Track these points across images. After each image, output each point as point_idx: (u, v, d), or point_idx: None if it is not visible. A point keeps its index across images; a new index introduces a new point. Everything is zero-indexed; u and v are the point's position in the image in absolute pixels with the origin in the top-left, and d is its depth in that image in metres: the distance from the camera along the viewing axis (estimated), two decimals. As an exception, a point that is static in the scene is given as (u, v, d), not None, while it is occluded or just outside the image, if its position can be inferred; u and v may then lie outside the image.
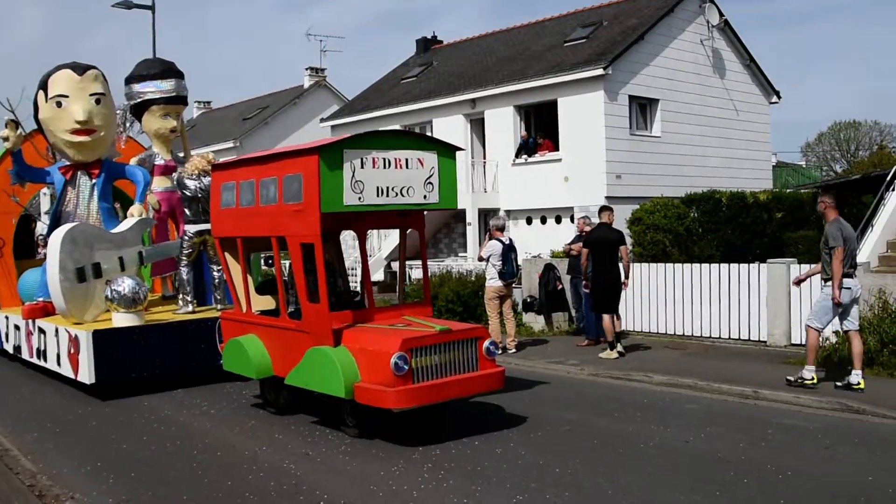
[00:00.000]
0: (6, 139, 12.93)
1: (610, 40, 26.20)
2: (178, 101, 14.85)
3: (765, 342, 14.13)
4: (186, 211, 12.65)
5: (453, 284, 17.20)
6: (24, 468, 8.16)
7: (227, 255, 10.77)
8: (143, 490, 7.37)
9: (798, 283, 11.58)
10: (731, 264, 14.79)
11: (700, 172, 26.15)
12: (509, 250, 13.89)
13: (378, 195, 9.36)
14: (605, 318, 13.54)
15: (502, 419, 9.86)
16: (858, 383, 10.47)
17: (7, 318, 14.35)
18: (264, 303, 10.85)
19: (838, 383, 10.69)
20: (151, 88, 14.50)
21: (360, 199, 9.24)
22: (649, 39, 25.99)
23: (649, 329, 15.89)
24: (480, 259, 14.25)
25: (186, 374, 12.10)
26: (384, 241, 27.85)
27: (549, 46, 28.70)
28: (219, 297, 12.95)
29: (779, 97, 30.58)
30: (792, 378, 10.91)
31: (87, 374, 11.29)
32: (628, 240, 17.75)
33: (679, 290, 15.20)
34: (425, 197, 9.74)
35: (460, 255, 27.88)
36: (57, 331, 12.16)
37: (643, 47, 25.88)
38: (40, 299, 13.10)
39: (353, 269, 19.48)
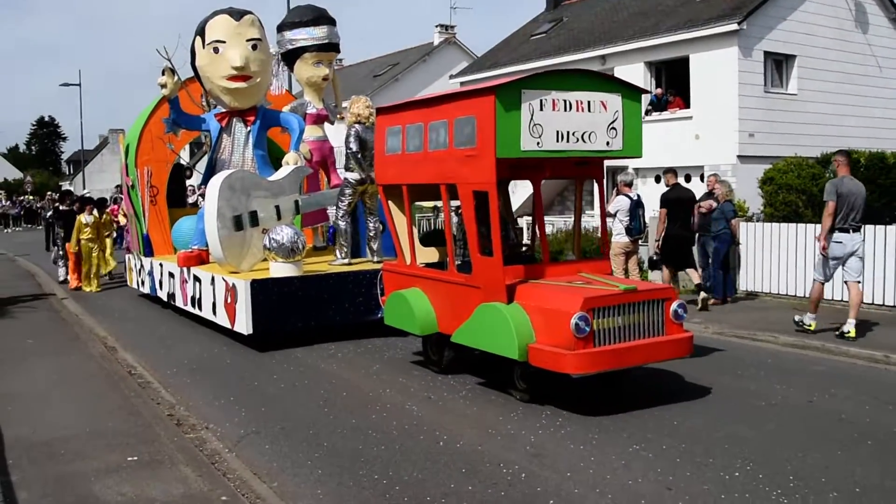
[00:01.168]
0: (164, 86, 11.93)
1: None
2: (330, 48, 13.62)
3: (895, 306, 12.80)
4: (350, 158, 11.43)
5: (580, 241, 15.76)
6: (164, 399, 8.24)
7: (390, 203, 9.56)
8: (272, 423, 7.36)
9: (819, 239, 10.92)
10: (867, 226, 13.04)
11: (837, 132, 23.67)
12: (637, 206, 13.07)
13: (558, 140, 8.04)
14: (665, 270, 13.30)
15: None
16: (849, 332, 10.45)
17: (161, 265, 13.52)
18: (428, 255, 9.64)
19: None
20: (304, 36, 13.32)
21: (538, 144, 7.93)
22: None
23: (777, 290, 14.48)
24: (607, 215, 12.90)
25: (343, 327, 11.03)
26: (512, 196, 26.31)
27: (681, 1, 26.33)
28: (374, 249, 11.76)
29: (926, 53, 27.63)
30: (796, 319, 11.08)
31: (244, 325, 10.31)
32: (759, 200, 17.11)
33: (810, 252, 13.67)
34: (608, 143, 8.33)
35: (587, 212, 26.22)
36: (213, 279, 11.22)
37: (781, 1, 23.46)
38: (195, 247, 12.21)
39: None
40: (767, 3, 23.03)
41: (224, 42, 11.89)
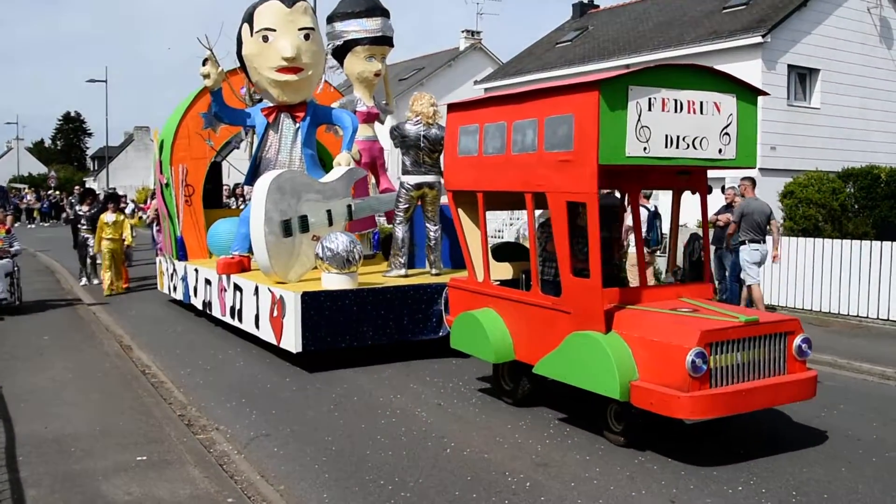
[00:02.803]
0: (206, 76, 10.36)
1: (771, 7, 22.76)
2: (383, 41, 11.97)
3: None
4: (405, 160, 9.89)
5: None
6: (176, 399, 7.90)
7: (460, 211, 8.04)
8: (283, 426, 7.04)
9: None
10: (885, 242, 12.69)
11: (860, 147, 22.56)
12: (654, 217, 12.26)
13: (666, 146, 6.56)
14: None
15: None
16: None
17: (197, 270, 11.90)
18: (500, 271, 8.11)
19: None
20: (355, 27, 11.72)
21: (644, 149, 6.47)
22: (812, 7, 22.46)
23: (794, 304, 13.62)
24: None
25: (400, 347, 9.53)
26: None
27: (706, 12, 25.24)
28: (433, 260, 10.21)
29: (950, 69, 26.16)
30: None
31: (292, 341, 8.77)
32: (780, 213, 15.98)
33: (828, 267, 13.22)
34: (720, 151, 6.85)
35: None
36: (257, 290, 9.66)
37: (805, 15, 22.36)
38: (236, 253, 10.63)
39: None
40: (792, 16, 22.02)
41: (274, 30, 10.28)
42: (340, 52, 11.90)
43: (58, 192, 49.89)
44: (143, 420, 6.96)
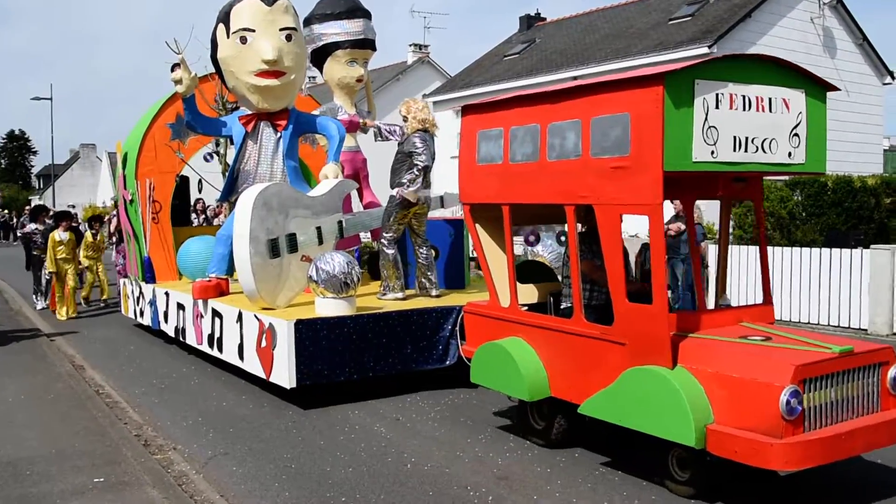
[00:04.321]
0: (178, 82, 8.80)
1: (716, 18, 22.23)
2: (365, 45, 10.49)
3: (865, 330, 11.64)
4: (404, 174, 8.46)
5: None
6: (131, 419, 7.46)
7: (479, 228, 6.71)
8: (241, 444, 6.63)
9: None
10: (833, 249, 12.48)
11: (807, 156, 22.02)
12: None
13: (735, 149, 5.37)
14: None
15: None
16: None
17: (167, 294, 10.30)
18: (522, 293, 6.78)
19: None
20: (336, 30, 10.21)
21: (712, 153, 5.29)
22: (757, 17, 21.90)
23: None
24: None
25: (403, 377, 8.16)
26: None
27: (653, 24, 24.55)
28: (432, 280, 8.78)
29: (893, 78, 25.72)
30: None
31: (285, 376, 7.30)
32: (730, 222, 14.92)
33: (778, 275, 12.63)
34: (790, 155, 5.70)
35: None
36: (240, 316, 8.16)
37: (751, 25, 21.79)
38: (213, 275, 9.08)
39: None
40: (737, 27, 21.44)
41: (253, 31, 8.76)
42: (319, 57, 10.42)
43: (5, 211, 46.80)
44: (99, 441, 6.54)
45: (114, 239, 14.82)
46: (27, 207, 31.76)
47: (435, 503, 5.33)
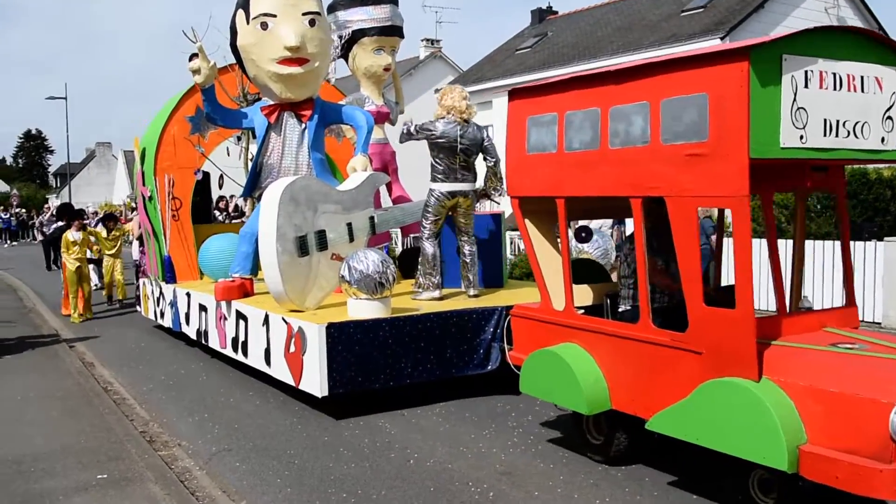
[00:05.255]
0: (196, 72, 8.16)
1: (728, 9, 21.62)
2: (393, 31, 9.83)
3: (879, 323, 11.16)
4: (436, 165, 7.84)
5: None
6: (138, 416, 7.38)
7: (528, 223, 6.06)
8: (245, 441, 6.52)
9: None
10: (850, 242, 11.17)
11: (821, 147, 21.50)
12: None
13: (825, 133, 4.71)
14: None
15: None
16: None
17: (189, 294, 9.61)
18: (575, 295, 6.12)
19: None
20: (362, 16, 9.54)
21: (801, 138, 4.59)
22: (770, 8, 21.28)
23: (758, 305, 12.28)
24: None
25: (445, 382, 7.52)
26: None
27: (665, 16, 23.91)
28: (471, 279, 8.14)
29: (907, 68, 25.10)
30: None
31: (316, 383, 6.67)
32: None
33: (790, 267, 11.54)
34: (883, 140, 5.03)
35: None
36: (267, 319, 7.52)
37: (763, 16, 21.10)
38: (236, 275, 8.46)
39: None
40: (750, 18, 20.82)
41: (275, 16, 8.10)
42: (345, 45, 9.73)
43: (23, 210, 46.36)
44: (105, 437, 6.50)
45: (135, 236, 14.19)
46: (46, 206, 31.27)
47: (436, 499, 5.23)
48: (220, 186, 11.86)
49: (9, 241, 39.15)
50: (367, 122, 8.42)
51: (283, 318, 7.17)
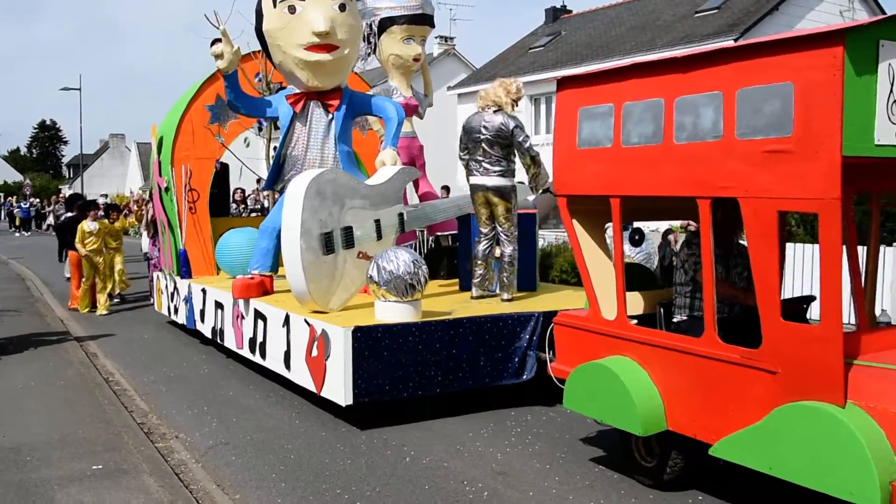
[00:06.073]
0: (219, 56, 7.63)
1: (742, 10, 21.50)
2: (424, 20, 9.26)
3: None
4: (481, 158, 7.32)
5: (568, 255, 12.15)
6: (137, 407, 7.33)
7: (576, 224, 5.52)
8: (243, 434, 6.40)
9: None
10: (859, 247, 10.86)
11: (834, 150, 21.23)
12: None
13: (920, 130, 4.16)
14: None
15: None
16: None
17: (204, 291, 9.10)
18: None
19: None
20: (391, 4, 9.00)
21: (897, 134, 4.06)
22: (784, 10, 21.11)
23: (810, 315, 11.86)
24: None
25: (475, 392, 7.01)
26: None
27: (679, 17, 23.73)
28: (507, 283, 7.60)
29: (922, 71, 24.65)
30: None
31: (340, 391, 6.16)
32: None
33: (799, 272, 11.91)
34: None
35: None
36: (287, 320, 7.00)
37: (777, 18, 20.90)
38: (256, 272, 7.94)
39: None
40: (764, 20, 20.65)
41: (303, 0, 7.67)
42: (372, 34, 9.18)
43: (37, 200, 45.99)
44: (103, 428, 6.49)
45: (150, 230, 13.64)
46: (58, 196, 30.85)
47: (430, 497, 5.17)
48: (239, 178, 11.32)
49: (21, 231, 38.79)
50: (397, 113, 7.89)
51: (306, 320, 6.64)
